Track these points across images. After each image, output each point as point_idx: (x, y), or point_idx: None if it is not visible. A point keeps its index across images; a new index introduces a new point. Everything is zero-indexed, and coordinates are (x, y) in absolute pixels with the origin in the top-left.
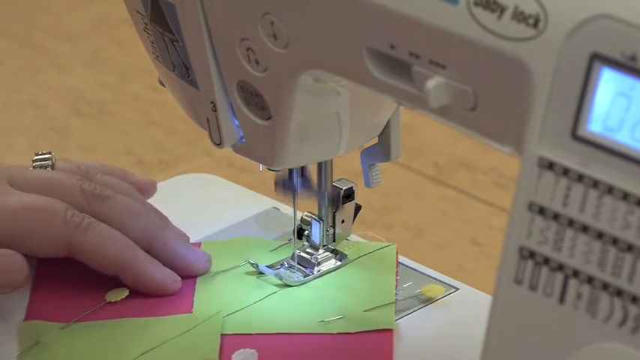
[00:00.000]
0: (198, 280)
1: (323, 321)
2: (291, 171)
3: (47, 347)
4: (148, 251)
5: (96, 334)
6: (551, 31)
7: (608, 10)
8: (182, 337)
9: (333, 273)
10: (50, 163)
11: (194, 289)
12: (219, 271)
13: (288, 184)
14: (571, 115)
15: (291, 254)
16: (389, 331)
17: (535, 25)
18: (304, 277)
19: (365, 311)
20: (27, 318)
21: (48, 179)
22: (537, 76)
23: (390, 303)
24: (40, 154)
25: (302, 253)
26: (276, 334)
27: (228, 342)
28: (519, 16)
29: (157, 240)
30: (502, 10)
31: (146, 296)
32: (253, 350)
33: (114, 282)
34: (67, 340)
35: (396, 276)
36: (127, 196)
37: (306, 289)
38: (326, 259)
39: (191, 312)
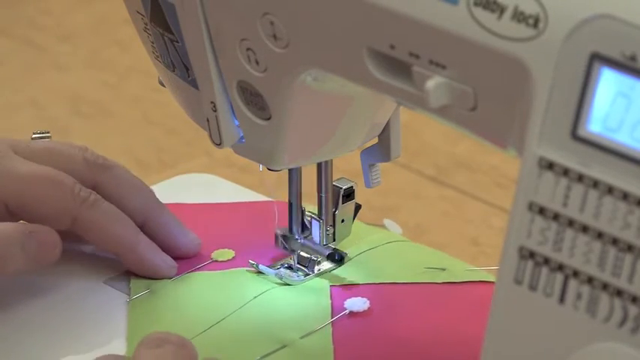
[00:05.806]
0: None
1: (427, 268)
2: (291, 227)
3: (158, 294)
4: (141, 227)
5: (205, 283)
6: (551, 31)
7: (608, 10)
8: (292, 285)
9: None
10: (49, 139)
11: None
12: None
13: (288, 242)
14: (571, 115)
15: None
16: (491, 282)
17: (535, 25)
18: (305, 276)
19: (466, 270)
20: None
21: (51, 148)
22: (537, 76)
23: (491, 268)
24: (39, 133)
25: (302, 253)
26: (382, 283)
27: (337, 292)
28: (519, 16)
29: (153, 217)
30: (502, 10)
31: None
32: (365, 299)
33: (220, 242)
34: (177, 288)
35: None
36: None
37: (404, 246)
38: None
39: None
